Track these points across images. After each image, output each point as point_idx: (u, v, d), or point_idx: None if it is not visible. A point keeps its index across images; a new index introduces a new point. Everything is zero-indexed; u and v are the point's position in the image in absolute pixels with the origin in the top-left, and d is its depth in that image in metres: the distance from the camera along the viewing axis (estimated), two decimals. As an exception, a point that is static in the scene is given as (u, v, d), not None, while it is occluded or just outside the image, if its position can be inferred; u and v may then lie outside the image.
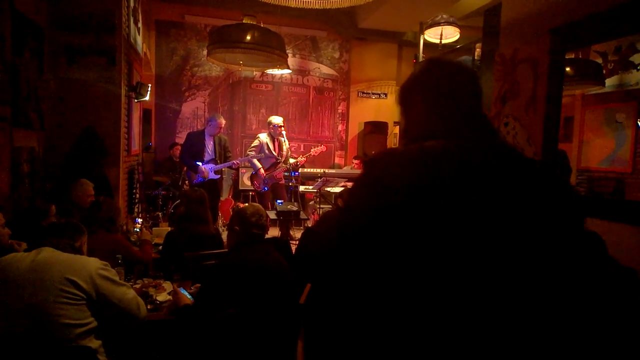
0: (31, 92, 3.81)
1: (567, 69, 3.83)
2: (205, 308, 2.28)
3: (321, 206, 6.84)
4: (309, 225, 6.09)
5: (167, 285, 2.84)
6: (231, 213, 4.27)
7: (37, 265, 1.89)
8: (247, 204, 2.73)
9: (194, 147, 5.86)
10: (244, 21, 5.02)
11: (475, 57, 5.61)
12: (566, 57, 3.61)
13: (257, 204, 2.78)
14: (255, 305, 2.26)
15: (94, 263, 2.00)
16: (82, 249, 2.19)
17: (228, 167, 6.07)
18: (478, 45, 5.35)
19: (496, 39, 4.31)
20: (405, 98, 1.12)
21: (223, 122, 5.94)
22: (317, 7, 4.12)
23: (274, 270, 2.43)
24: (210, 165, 5.83)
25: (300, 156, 6.55)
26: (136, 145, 5.82)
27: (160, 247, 3.55)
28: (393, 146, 9.14)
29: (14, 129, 3.47)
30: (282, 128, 6.20)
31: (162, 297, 2.68)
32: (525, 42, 3.82)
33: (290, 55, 8.07)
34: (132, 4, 5.18)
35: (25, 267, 1.87)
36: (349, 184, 7.35)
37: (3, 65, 3.24)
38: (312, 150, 6.56)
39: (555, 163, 3.59)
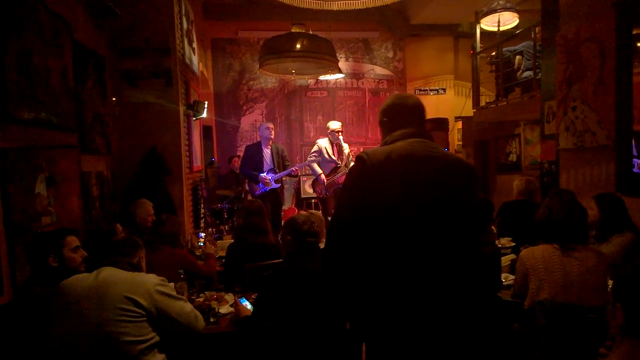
0: (96, 118, 4.02)
1: (639, 44, 3.52)
2: (262, 318, 2.26)
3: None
4: None
5: (229, 298, 2.85)
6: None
7: (98, 285, 1.94)
8: (298, 213, 2.70)
9: (253, 158, 5.96)
10: (292, 30, 5.04)
11: (536, 42, 5.28)
12: (635, 32, 3.32)
13: (312, 211, 2.76)
14: (310, 313, 2.21)
15: (152, 279, 2.03)
16: (140, 264, 2.24)
17: (287, 174, 6.11)
18: (538, 28, 5.04)
19: (557, 21, 4.03)
20: (382, 118, 1.88)
21: (270, 124, 6.02)
22: (360, 6, 4.03)
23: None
24: (270, 175, 5.90)
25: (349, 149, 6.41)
26: (198, 162, 6.00)
27: (224, 260, 3.59)
28: (457, 142, 8.85)
29: (81, 154, 3.67)
30: (339, 133, 6.14)
31: (224, 309, 2.69)
32: (588, 21, 3.55)
33: (343, 59, 8.04)
34: (185, 26, 5.37)
35: (86, 287, 1.93)
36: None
37: (68, 94, 3.44)
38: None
39: (630, 146, 3.28)
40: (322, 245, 2.90)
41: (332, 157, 6.15)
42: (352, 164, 5.95)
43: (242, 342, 2.44)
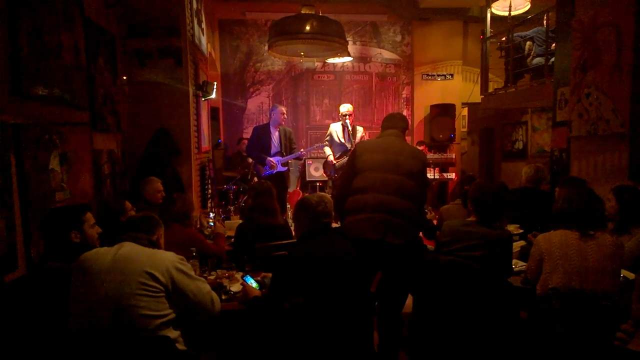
0: (107, 97, 4.01)
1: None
2: (278, 299, 2.27)
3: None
4: None
5: (240, 276, 2.88)
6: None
7: (118, 259, 1.95)
8: (309, 194, 2.71)
9: (261, 140, 5.94)
10: (302, 11, 4.98)
11: (548, 27, 5.23)
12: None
13: (322, 194, 2.77)
14: (328, 294, 2.23)
15: (171, 257, 2.04)
16: (159, 242, 2.25)
17: (295, 158, 6.10)
18: (551, 14, 4.99)
19: (571, 4, 3.98)
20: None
21: (284, 109, 5.98)
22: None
23: (345, 258, 2.39)
24: (277, 158, 5.89)
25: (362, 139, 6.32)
26: (206, 143, 5.99)
27: (232, 240, 3.62)
28: (462, 129, 8.83)
29: (93, 132, 3.67)
30: (347, 117, 6.09)
31: (235, 287, 2.72)
32: (606, 5, 3.50)
33: (350, 42, 7.97)
34: (195, 6, 5.31)
35: (108, 261, 1.95)
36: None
37: (79, 72, 3.42)
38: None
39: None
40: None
41: (342, 140, 6.13)
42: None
43: (253, 321, 2.46)
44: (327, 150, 6.17)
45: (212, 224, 4.11)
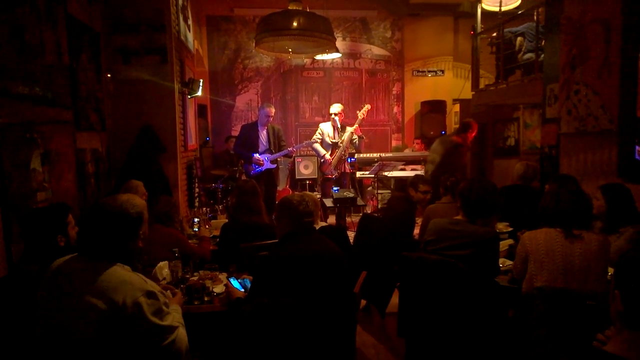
0: (91, 95, 3.94)
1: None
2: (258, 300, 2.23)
3: (379, 191, 6.68)
4: (367, 212, 6.04)
5: (223, 277, 2.83)
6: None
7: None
8: (291, 194, 2.66)
9: (248, 138, 5.89)
10: (289, 7, 4.93)
11: (539, 23, 5.21)
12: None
13: (306, 192, 2.72)
14: (309, 295, 2.19)
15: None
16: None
17: (284, 155, 6.06)
18: (541, 9, 4.97)
19: (561, 0, 3.96)
20: None
21: (272, 110, 5.90)
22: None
23: (328, 259, 2.35)
24: (266, 155, 5.84)
25: (353, 127, 6.20)
26: (193, 141, 5.92)
27: (218, 240, 3.57)
28: (454, 125, 8.81)
29: (76, 131, 3.60)
30: (334, 115, 6.09)
31: (218, 289, 2.67)
32: (595, 2, 3.48)
33: (340, 38, 7.93)
34: (180, 2, 5.24)
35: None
36: (408, 168, 7.14)
37: (62, 69, 3.35)
38: (358, 114, 6.18)
39: (633, 131, 3.25)
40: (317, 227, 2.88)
41: (333, 141, 6.10)
42: (354, 139, 5.94)
43: (235, 322, 2.42)
44: (320, 149, 6.12)
45: (196, 229, 4.05)
